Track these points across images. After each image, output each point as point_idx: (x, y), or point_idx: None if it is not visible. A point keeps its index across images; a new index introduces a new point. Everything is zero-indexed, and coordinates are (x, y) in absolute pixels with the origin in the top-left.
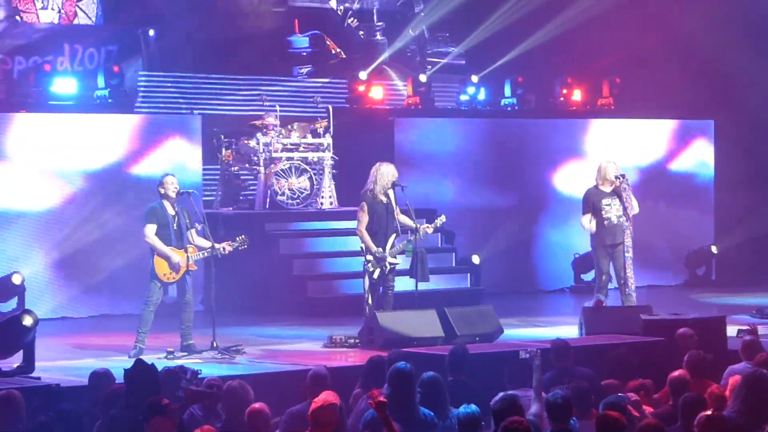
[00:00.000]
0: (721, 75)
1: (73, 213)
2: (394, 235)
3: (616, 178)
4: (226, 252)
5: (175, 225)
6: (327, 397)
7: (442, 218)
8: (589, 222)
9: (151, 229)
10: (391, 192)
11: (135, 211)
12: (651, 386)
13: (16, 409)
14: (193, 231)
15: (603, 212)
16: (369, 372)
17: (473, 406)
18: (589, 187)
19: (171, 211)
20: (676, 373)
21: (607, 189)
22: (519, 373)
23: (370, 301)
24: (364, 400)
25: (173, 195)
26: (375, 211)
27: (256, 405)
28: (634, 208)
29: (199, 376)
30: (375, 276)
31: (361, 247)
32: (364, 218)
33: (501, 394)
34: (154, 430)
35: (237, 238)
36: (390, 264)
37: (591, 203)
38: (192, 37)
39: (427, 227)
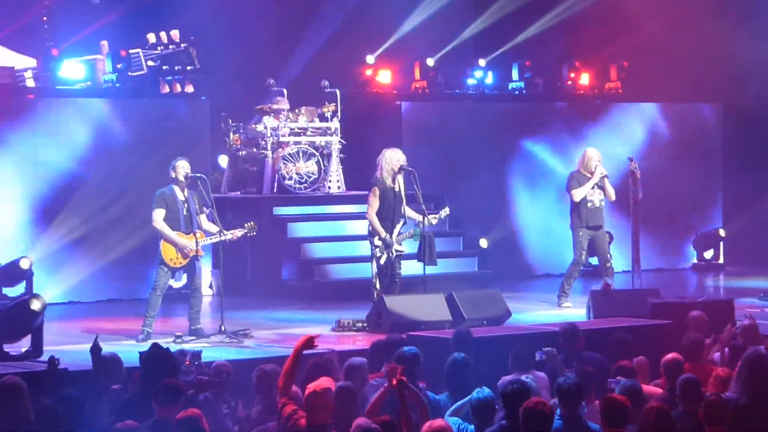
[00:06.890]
0: (729, 58)
1: (80, 197)
2: (401, 223)
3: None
4: (236, 238)
5: (184, 210)
6: (321, 382)
7: (446, 210)
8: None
9: (158, 214)
10: (400, 179)
11: (143, 196)
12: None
13: (20, 395)
14: (203, 216)
15: (587, 195)
16: (373, 356)
17: (486, 390)
18: (573, 170)
19: (181, 196)
20: (669, 356)
21: (588, 175)
22: (523, 357)
23: (378, 286)
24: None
25: (183, 179)
26: (385, 197)
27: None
28: (611, 196)
29: (201, 358)
30: (382, 261)
31: (369, 231)
32: (375, 203)
33: (510, 377)
34: (163, 415)
35: (246, 225)
36: (396, 251)
37: (577, 181)
38: None
39: (433, 217)
